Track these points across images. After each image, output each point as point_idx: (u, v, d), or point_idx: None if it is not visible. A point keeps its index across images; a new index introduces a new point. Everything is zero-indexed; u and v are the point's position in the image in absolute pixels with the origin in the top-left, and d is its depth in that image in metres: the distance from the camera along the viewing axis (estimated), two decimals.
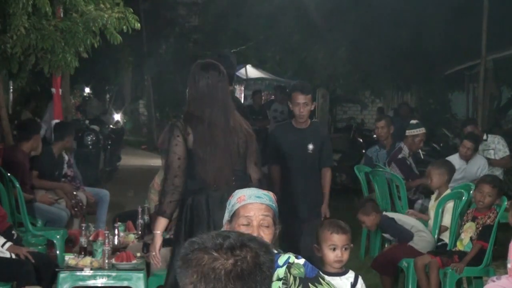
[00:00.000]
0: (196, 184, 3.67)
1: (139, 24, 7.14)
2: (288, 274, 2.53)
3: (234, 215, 2.63)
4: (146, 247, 4.79)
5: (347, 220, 3.52)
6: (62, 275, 4.29)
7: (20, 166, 6.15)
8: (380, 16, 13.47)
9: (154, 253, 3.72)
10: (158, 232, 3.67)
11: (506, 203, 5.13)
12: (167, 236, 4.19)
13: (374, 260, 5.61)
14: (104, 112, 17.30)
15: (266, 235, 2.57)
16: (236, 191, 2.74)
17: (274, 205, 2.64)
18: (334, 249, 3.38)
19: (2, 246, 4.63)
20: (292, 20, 15.30)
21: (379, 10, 13.40)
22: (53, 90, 7.87)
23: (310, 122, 5.32)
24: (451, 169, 5.77)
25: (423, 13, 12.86)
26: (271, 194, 2.69)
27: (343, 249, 3.39)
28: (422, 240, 5.27)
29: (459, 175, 6.64)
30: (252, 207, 2.59)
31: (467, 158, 6.89)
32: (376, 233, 6.57)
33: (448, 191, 5.58)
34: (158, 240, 3.68)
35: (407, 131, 7.11)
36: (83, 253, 4.53)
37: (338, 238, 3.38)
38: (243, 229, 2.55)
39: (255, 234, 2.52)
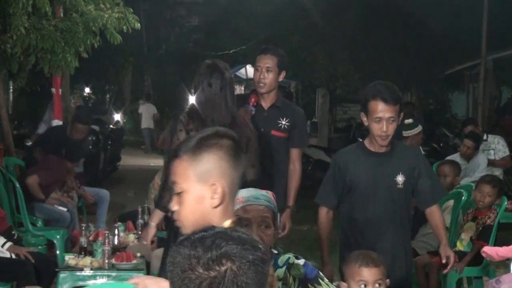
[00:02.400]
0: None
1: (139, 24, 7.14)
2: (288, 275, 2.53)
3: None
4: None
5: None
6: (62, 275, 4.29)
7: (55, 174, 6.42)
8: (380, 16, 13.47)
9: (145, 243, 3.76)
10: (153, 224, 3.70)
11: (506, 203, 5.14)
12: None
13: None
14: (104, 112, 17.32)
15: (266, 236, 2.57)
16: None
17: (273, 205, 2.64)
18: (364, 286, 2.83)
19: (2, 246, 4.64)
20: (292, 20, 15.31)
21: (379, 10, 13.40)
22: (53, 90, 7.88)
23: (392, 143, 3.63)
24: (460, 170, 5.93)
25: (423, 13, 12.86)
26: (269, 194, 2.68)
27: (376, 285, 2.83)
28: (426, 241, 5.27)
29: (461, 174, 6.66)
30: (250, 208, 2.59)
31: (468, 157, 6.89)
32: None
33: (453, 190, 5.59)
34: (152, 231, 3.73)
35: (404, 132, 7.10)
36: (83, 253, 4.53)
37: (368, 273, 2.82)
38: None
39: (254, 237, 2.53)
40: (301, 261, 2.57)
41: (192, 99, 4.00)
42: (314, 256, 6.62)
